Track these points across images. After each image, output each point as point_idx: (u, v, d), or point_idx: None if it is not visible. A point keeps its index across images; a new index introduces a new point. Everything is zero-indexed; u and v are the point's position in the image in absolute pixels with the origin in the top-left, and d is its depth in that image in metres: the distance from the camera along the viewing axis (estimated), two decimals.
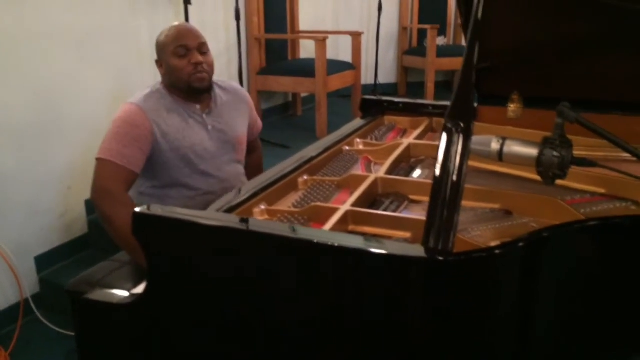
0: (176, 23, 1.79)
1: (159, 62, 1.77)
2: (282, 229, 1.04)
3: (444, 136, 0.96)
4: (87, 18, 2.51)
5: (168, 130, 1.69)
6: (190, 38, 1.72)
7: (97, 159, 1.64)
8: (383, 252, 0.91)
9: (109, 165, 1.61)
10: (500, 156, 1.09)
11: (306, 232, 1.05)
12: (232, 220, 1.10)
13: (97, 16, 2.56)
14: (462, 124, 0.94)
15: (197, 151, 1.73)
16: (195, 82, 1.72)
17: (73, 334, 2.15)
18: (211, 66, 1.76)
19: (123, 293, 1.25)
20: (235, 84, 2.00)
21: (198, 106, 1.77)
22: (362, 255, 0.91)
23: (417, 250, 0.92)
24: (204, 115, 1.78)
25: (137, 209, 1.06)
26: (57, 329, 2.24)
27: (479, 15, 1.05)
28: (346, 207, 1.22)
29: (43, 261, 2.40)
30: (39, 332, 2.25)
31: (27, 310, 2.27)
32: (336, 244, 0.90)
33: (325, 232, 1.08)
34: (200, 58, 1.72)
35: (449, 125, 0.95)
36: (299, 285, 0.94)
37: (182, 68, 1.70)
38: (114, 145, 1.63)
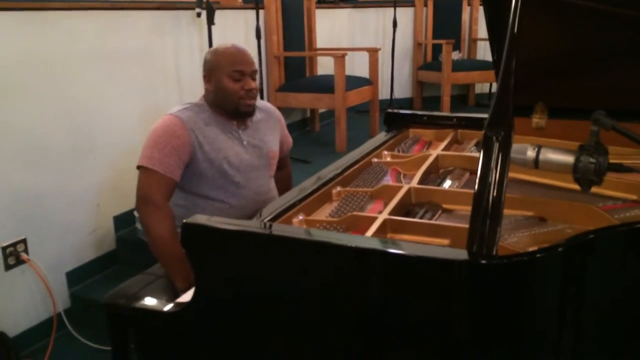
0: (231, 44, 1.83)
1: (208, 78, 1.81)
2: (332, 237, 1.08)
3: (484, 145, 0.99)
4: (115, 41, 2.58)
5: (205, 142, 1.75)
6: (247, 64, 1.79)
7: (139, 167, 1.70)
8: (428, 255, 0.94)
9: (151, 173, 1.67)
10: (536, 163, 1.12)
11: (354, 240, 1.08)
12: (286, 230, 1.14)
13: (125, 38, 2.64)
14: (502, 133, 0.98)
15: (233, 162, 1.78)
16: (243, 106, 1.79)
17: (104, 347, 2.21)
18: (257, 91, 1.83)
19: (167, 302, 1.28)
20: (268, 103, 2.06)
21: (235, 122, 1.83)
22: (408, 259, 0.94)
23: (461, 254, 0.95)
24: (240, 132, 1.83)
25: (186, 220, 1.10)
26: (88, 342, 2.28)
27: (516, 28, 1.09)
28: (384, 215, 1.25)
29: (74, 277, 2.45)
30: (71, 346, 2.28)
31: (59, 325, 2.31)
32: (388, 250, 0.94)
33: (375, 240, 1.11)
34: (253, 84, 1.79)
35: (489, 134, 0.98)
36: (349, 290, 0.97)
37: (235, 92, 1.76)
38: (155, 154, 1.68)
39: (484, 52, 4.91)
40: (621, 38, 1.48)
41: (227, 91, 1.77)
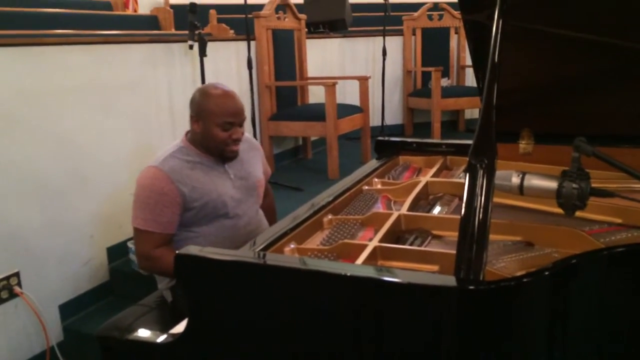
0: (222, 88, 1.82)
1: (196, 119, 1.81)
2: (323, 265, 1.10)
3: (469, 172, 1.02)
4: (108, 74, 2.62)
5: (194, 187, 1.76)
6: (239, 115, 1.80)
7: (136, 228, 1.75)
8: (417, 282, 0.96)
9: (149, 234, 1.73)
10: (521, 190, 1.15)
11: (345, 268, 1.10)
12: (278, 259, 1.15)
13: (118, 71, 2.67)
14: (485, 160, 1.00)
15: (225, 200, 1.80)
16: (228, 152, 1.82)
17: None
18: (243, 135, 1.86)
19: (161, 333, 1.29)
20: (247, 133, 2.09)
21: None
22: (397, 287, 0.96)
23: (449, 281, 0.97)
24: (226, 166, 1.86)
25: (179, 251, 1.12)
26: None
27: (496, 58, 1.13)
28: (374, 243, 1.27)
29: (67, 309, 2.43)
30: None
31: (52, 359, 2.29)
32: (377, 277, 0.95)
33: (364, 267, 1.13)
34: (240, 134, 1.81)
35: (473, 162, 1.01)
36: (342, 317, 0.99)
37: (223, 140, 1.79)
38: (148, 215, 1.72)
39: (472, 78, 5.00)
40: (601, 65, 1.53)
41: (215, 139, 1.79)
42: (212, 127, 1.77)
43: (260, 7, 3.83)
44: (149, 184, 1.74)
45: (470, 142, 1.07)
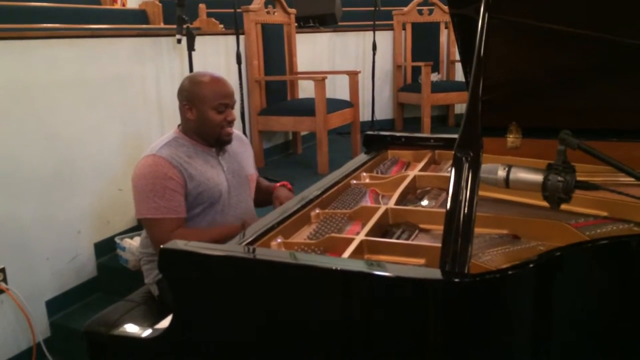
0: (209, 74, 1.86)
1: (189, 107, 1.81)
2: (308, 259, 1.09)
3: (455, 166, 1.01)
4: (96, 68, 2.59)
5: (191, 174, 1.76)
6: (231, 97, 1.84)
7: (148, 219, 1.72)
8: (403, 275, 0.96)
9: (164, 221, 1.71)
10: (507, 183, 1.15)
11: (331, 261, 1.10)
12: (264, 253, 1.15)
13: (106, 66, 2.65)
14: (471, 153, 1.00)
15: (220, 190, 1.81)
16: (225, 135, 1.83)
17: None
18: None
19: (146, 329, 1.28)
20: (236, 130, 2.09)
21: (214, 149, 1.86)
22: (383, 280, 0.96)
23: (435, 274, 0.97)
24: (220, 158, 1.86)
25: (163, 246, 1.11)
26: None
27: (482, 52, 1.13)
28: (361, 236, 1.26)
29: (54, 305, 2.42)
30: None
31: (38, 355, 2.28)
32: (362, 271, 0.95)
33: (348, 261, 1.13)
34: (234, 116, 1.84)
35: (459, 155, 1.01)
36: (327, 311, 0.98)
37: (219, 123, 1.80)
38: (159, 202, 1.70)
39: (462, 73, 4.99)
40: (588, 60, 1.53)
41: (211, 123, 1.79)
42: (207, 111, 1.79)
43: (249, 1, 3.80)
44: (151, 172, 1.72)
45: (457, 136, 1.07)
